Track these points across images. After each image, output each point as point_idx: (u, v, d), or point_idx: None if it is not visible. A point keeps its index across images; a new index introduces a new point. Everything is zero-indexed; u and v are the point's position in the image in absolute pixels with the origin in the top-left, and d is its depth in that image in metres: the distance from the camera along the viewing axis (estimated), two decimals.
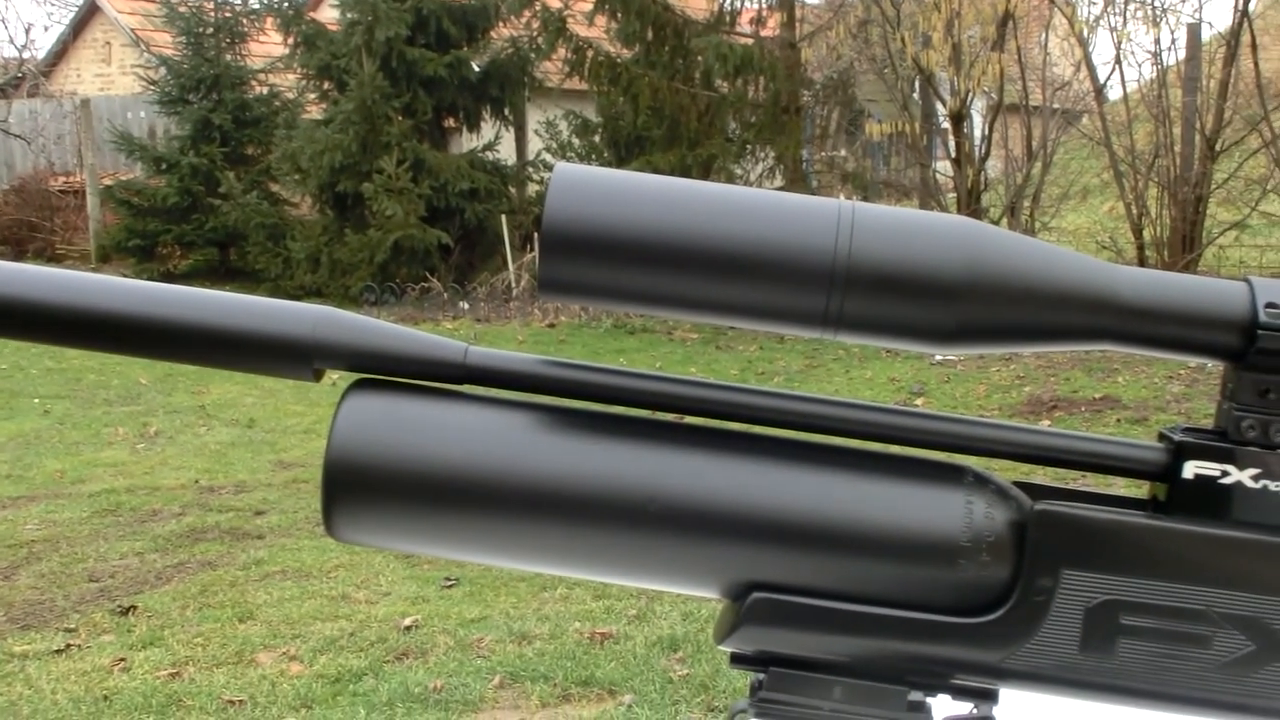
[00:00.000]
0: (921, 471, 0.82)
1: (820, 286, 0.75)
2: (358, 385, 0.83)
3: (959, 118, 13.30)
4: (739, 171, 15.15)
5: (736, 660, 0.85)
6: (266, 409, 9.33)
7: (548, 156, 16.35)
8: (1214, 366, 0.80)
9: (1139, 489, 0.87)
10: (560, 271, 0.77)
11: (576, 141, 16.14)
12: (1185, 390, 8.73)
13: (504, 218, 15.06)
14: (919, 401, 9.00)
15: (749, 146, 15.30)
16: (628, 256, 0.76)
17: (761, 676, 0.84)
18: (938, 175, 14.62)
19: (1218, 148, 12.08)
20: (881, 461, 0.82)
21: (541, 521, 0.80)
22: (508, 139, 16.88)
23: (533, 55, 16.04)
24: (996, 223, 10.90)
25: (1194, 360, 0.82)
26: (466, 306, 14.10)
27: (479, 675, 4.38)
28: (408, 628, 4.83)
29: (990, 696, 0.84)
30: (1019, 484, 0.84)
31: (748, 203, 0.77)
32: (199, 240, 16.48)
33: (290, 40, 15.93)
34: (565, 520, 0.80)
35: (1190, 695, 0.80)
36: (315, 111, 16.40)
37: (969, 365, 10.04)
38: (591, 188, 0.77)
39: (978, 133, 13.91)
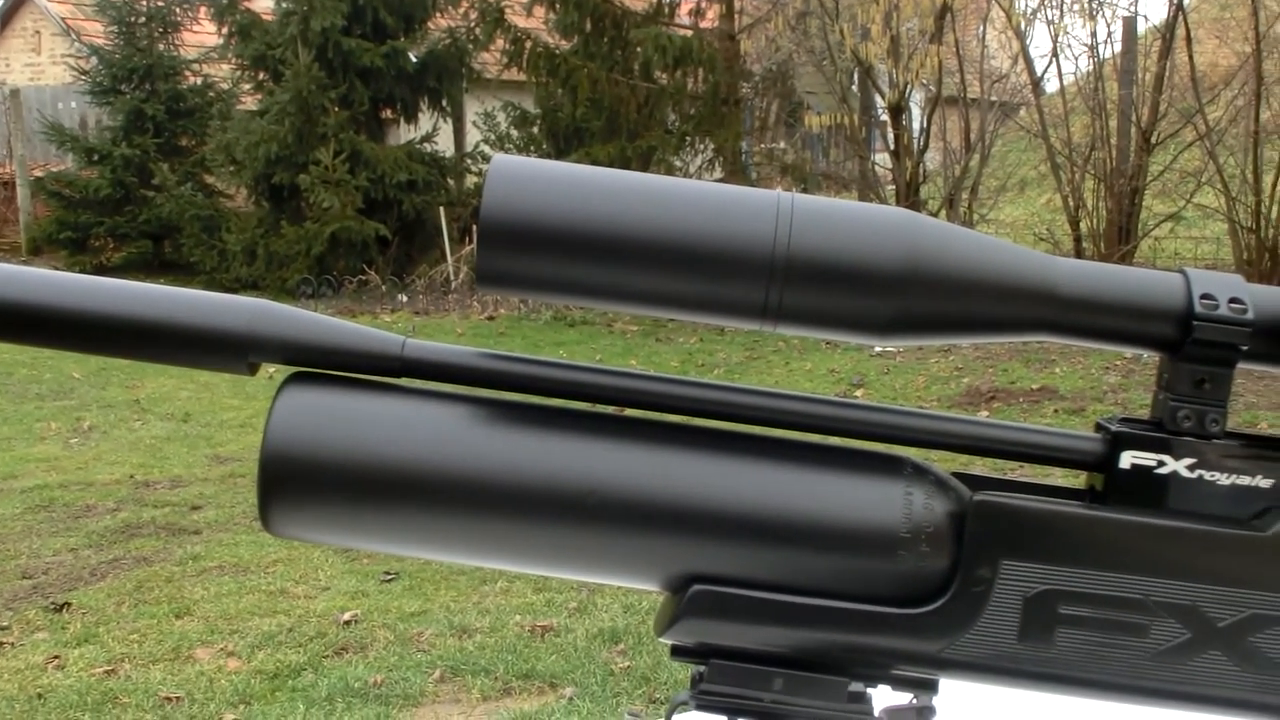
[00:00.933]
0: (861, 463, 0.82)
1: (759, 278, 0.75)
2: (294, 379, 0.82)
3: (897, 110, 13.38)
4: (678, 163, 15.16)
5: (677, 652, 0.85)
6: (202, 403, 9.25)
7: (486, 148, 16.29)
8: (1150, 357, 0.81)
9: (1076, 479, 0.88)
10: (498, 263, 0.77)
11: (515, 133, 16.08)
12: (1122, 381, 8.83)
13: (442, 210, 15.00)
14: (858, 393, 9.05)
15: (688, 138, 15.31)
16: (566, 248, 0.75)
17: (702, 669, 0.84)
18: (877, 167, 14.69)
19: (1153, 140, 12.22)
20: (821, 453, 0.82)
21: (480, 515, 0.80)
22: (446, 130, 16.80)
23: (470, 46, 15.98)
24: (935, 215, 10.97)
25: (1130, 351, 0.82)
26: (405, 299, 14.04)
27: (419, 669, 4.36)
28: (347, 622, 4.80)
29: (930, 686, 0.85)
30: (957, 475, 0.85)
31: (687, 195, 0.77)
32: (132, 233, 16.27)
33: (224, 30, 15.76)
34: (504, 514, 0.80)
35: (1128, 684, 0.81)
36: (250, 102, 16.25)
37: (908, 357, 10.10)
38: (530, 179, 0.76)
39: (916, 125, 13.99)
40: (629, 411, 0.84)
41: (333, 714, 4.05)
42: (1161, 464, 0.81)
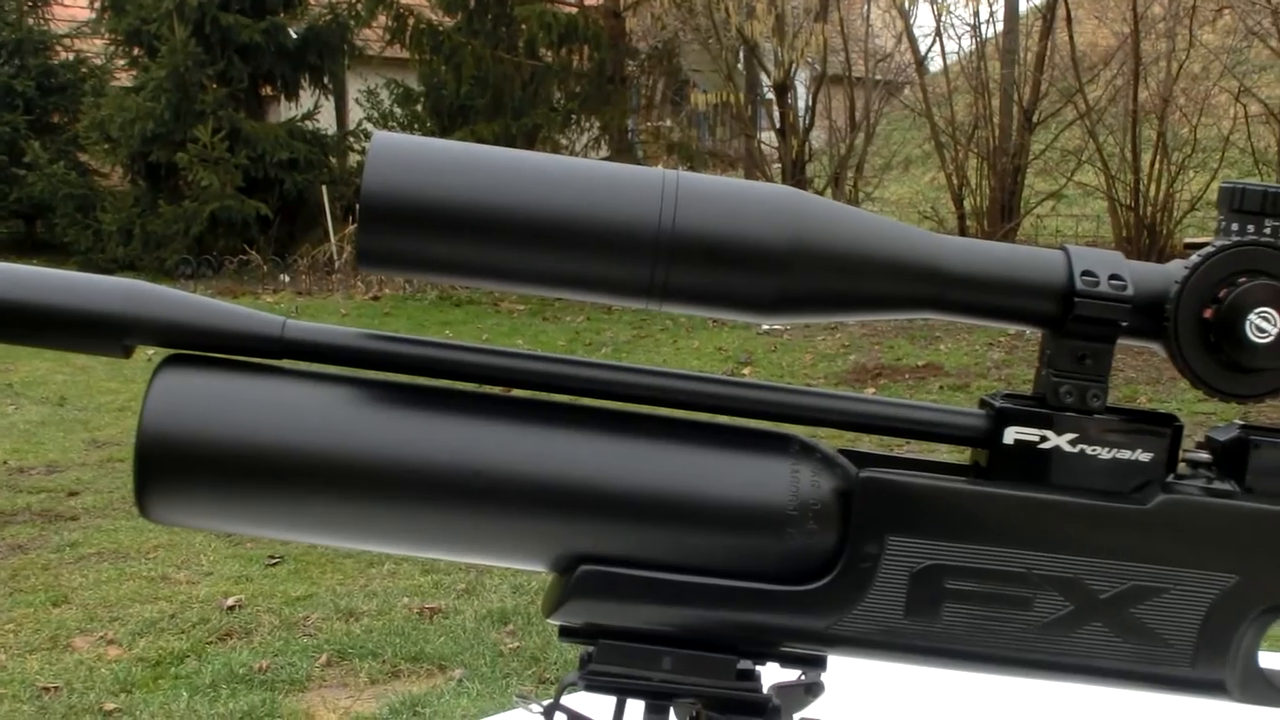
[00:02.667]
0: (748, 441, 0.82)
1: (645, 256, 0.75)
2: (171, 361, 0.81)
3: (783, 88, 13.46)
4: (564, 142, 15.14)
5: (566, 633, 0.84)
6: (78, 386, 9.05)
7: (369, 126, 16.14)
8: (1033, 334, 0.82)
9: (962, 455, 0.88)
10: (380, 243, 0.75)
11: (398, 111, 15.95)
12: (1006, 357, 8.98)
13: (325, 188, 14.83)
14: (746, 371, 9.11)
15: (574, 116, 15.30)
16: (449, 227, 0.74)
17: (591, 649, 0.83)
18: (763, 145, 14.76)
19: (1035, 119, 12.46)
20: (708, 431, 0.82)
21: (364, 499, 0.79)
22: (328, 108, 16.62)
23: (352, 22, 15.82)
24: (821, 193, 11.06)
25: (1014, 328, 0.83)
26: (287, 279, 13.86)
27: (306, 654, 4.31)
28: (231, 608, 4.73)
29: (818, 663, 0.85)
30: (844, 451, 0.85)
31: (571, 172, 0.76)
32: (2, 212, 15.92)
33: (96, 4, 15.42)
34: (388, 497, 0.79)
35: (1013, 656, 0.82)
36: (125, 78, 15.93)
37: (795, 334, 10.19)
38: (412, 157, 0.75)
39: (802, 103, 14.09)
40: (515, 392, 0.83)
41: (217, 701, 3.99)
42: (1044, 439, 0.82)
